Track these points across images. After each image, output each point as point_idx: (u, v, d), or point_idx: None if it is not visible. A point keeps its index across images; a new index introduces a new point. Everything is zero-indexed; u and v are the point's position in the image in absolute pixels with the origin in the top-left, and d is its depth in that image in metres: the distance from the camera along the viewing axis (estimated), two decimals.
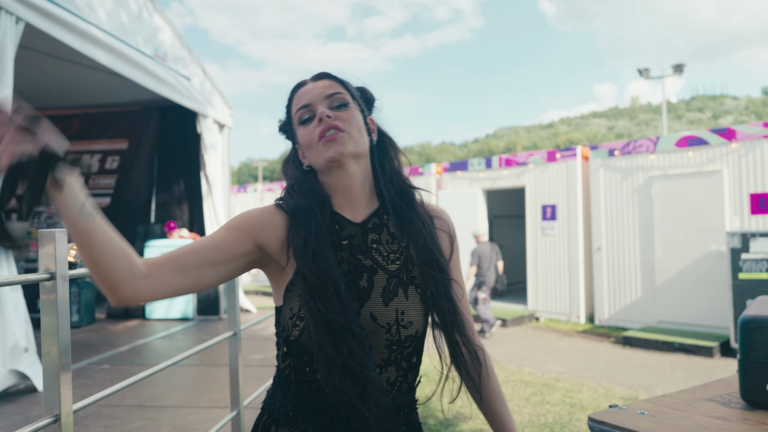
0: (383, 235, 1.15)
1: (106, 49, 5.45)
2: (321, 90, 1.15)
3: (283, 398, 1.11)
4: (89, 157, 9.76)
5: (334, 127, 1.10)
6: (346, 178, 1.13)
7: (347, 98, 1.15)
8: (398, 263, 1.13)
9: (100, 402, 3.84)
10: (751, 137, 7.43)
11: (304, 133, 1.14)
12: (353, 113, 1.14)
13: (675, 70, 24.80)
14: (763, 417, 1.53)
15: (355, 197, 1.15)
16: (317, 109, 1.12)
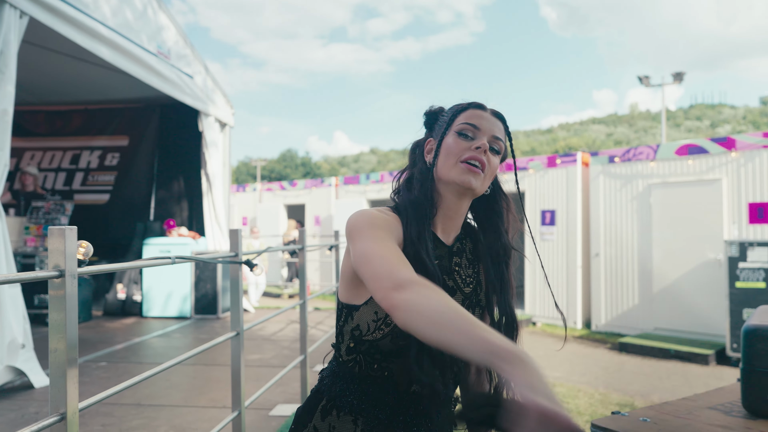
0: (463, 260, 1.28)
1: (110, 46, 5.44)
2: (493, 128, 1.23)
3: (345, 388, 1.18)
4: None
5: (481, 164, 1.18)
6: (456, 203, 1.23)
7: (503, 150, 1.26)
8: (471, 286, 1.27)
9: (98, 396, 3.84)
10: (751, 147, 7.46)
11: (455, 144, 1.20)
12: (497, 163, 1.24)
13: (675, 78, 24.88)
14: (765, 426, 1.53)
15: (452, 221, 1.26)
16: (481, 137, 1.20)
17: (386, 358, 1.15)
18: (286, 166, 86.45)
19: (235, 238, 2.24)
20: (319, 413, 1.20)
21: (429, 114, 1.32)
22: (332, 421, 1.17)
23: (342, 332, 1.21)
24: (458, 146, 1.20)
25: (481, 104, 1.26)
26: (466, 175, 1.17)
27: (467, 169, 1.17)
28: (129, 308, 8.01)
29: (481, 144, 1.18)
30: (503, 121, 1.27)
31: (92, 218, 9.35)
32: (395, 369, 1.15)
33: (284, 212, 15.24)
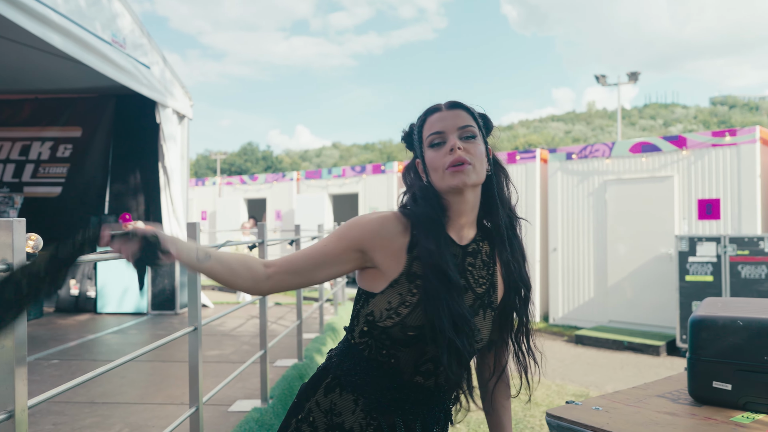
0: (477, 260, 1.30)
1: (61, 33, 5.25)
2: (454, 120, 1.25)
3: (351, 368, 1.26)
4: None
5: (462, 161, 1.21)
6: (462, 203, 1.26)
7: (476, 131, 1.27)
8: (484, 287, 1.29)
9: (48, 393, 3.72)
10: (700, 145, 7.74)
11: (434, 157, 1.24)
12: (479, 145, 1.26)
13: (630, 78, 25.58)
14: (709, 412, 1.60)
15: (463, 221, 1.29)
16: (449, 138, 1.23)
17: (394, 346, 1.22)
18: (246, 160, 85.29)
19: (193, 231, 2.20)
20: (322, 389, 1.28)
21: (405, 137, 1.37)
22: (334, 398, 1.25)
23: (358, 316, 1.29)
24: (437, 158, 1.24)
25: (435, 107, 1.30)
26: (457, 178, 1.21)
27: (454, 173, 1.21)
28: (83, 304, 7.77)
29: (450, 145, 1.22)
30: (462, 106, 1.29)
31: (44, 211, 9.03)
32: (401, 357, 1.23)
33: (244, 207, 15.04)
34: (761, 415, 1.56)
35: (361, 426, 1.23)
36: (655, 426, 1.50)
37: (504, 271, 1.33)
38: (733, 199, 7.42)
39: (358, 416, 1.24)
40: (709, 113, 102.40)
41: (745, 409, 1.62)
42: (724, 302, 1.89)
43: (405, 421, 1.25)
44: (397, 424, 1.24)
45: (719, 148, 7.56)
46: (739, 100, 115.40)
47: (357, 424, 1.23)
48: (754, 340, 1.59)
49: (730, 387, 1.61)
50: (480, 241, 1.33)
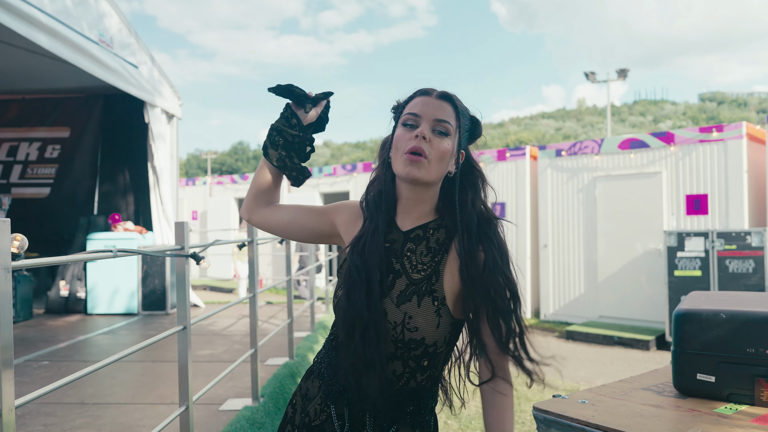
0: (420, 247, 1.26)
1: (48, 33, 5.21)
2: (435, 110, 1.23)
3: (322, 356, 1.32)
4: None
5: (421, 152, 1.19)
6: (411, 192, 1.26)
7: (451, 130, 1.23)
8: (423, 273, 1.23)
9: (39, 400, 3.70)
10: (688, 141, 7.80)
11: (400, 135, 1.23)
12: (446, 145, 1.22)
13: (619, 75, 25.72)
14: (694, 404, 1.62)
15: (411, 208, 1.28)
16: (422, 124, 1.21)
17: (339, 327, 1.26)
18: (237, 159, 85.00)
19: (181, 231, 2.20)
20: (305, 375, 1.37)
21: (395, 108, 1.35)
22: (308, 383, 1.32)
23: None
24: (402, 138, 1.22)
25: (427, 90, 1.27)
26: (408, 167, 1.19)
27: (408, 161, 1.19)
28: (72, 306, 7.72)
29: (418, 132, 1.19)
30: (451, 101, 1.26)
31: (32, 213, 8.96)
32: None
33: (236, 206, 15.00)
34: (744, 406, 1.59)
35: (316, 412, 1.26)
36: (640, 418, 1.52)
37: (465, 269, 1.22)
38: (720, 195, 7.49)
39: (317, 402, 1.27)
40: (698, 109, 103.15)
41: (728, 401, 1.64)
42: (708, 296, 1.91)
43: (353, 415, 1.22)
44: (345, 416, 1.22)
45: (707, 144, 7.63)
46: (727, 96, 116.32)
47: (313, 409, 1.27)
48: (737, 332, 1.61)
49: (713, 379, 1.64)
50: (433, 228, 1.28)
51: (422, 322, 1.19)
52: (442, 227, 1.28)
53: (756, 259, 6.52)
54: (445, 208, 1.30)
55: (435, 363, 1.26)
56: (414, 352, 1.21)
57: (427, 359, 1.23)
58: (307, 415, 1.27)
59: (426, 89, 1.28)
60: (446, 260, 1.25)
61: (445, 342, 1.25)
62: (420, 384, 1.26)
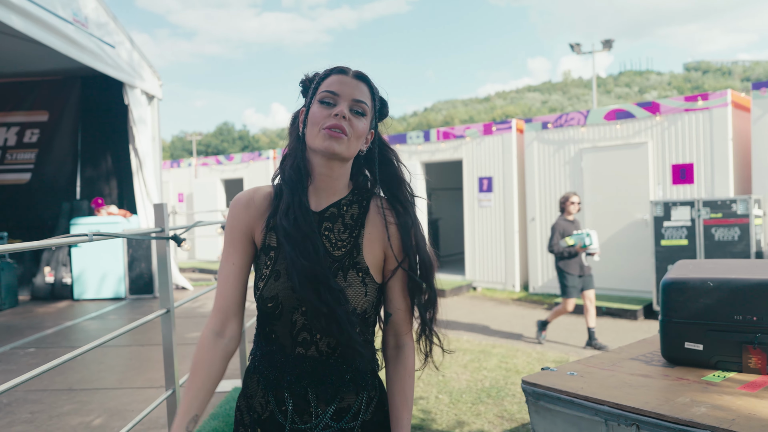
0: (336, 225, 1.28)
1: (21, 14, 5.06)
2: (353, 90, 1.25)
3: (254, 352, 1.31)
4: None
5: (341, 129, 1.21)
6: (326, 168, 1.26)
7: (367, 110, 1.27)
8: (344, 250, 1.26)
9: (26, 386, 3.65)
10: (673, 111, 7.80)
11: (317, 112, 1.24)
12: (363, 125, 1.26)
13: (604, 46, 25.61)
14: (681, 372, 1.62)
15: (325, 185, 1.28)
16: (341, 103, 1.23)
17: (268, 320, 1.25)
18: (223, 140, 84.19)
19: (161, 212, 2.14)
20: (245, 374, 1.34)
21: (303, 82, 1.34)
22: (248, 380, 1.31)
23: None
24: (320, 114, 1.23)
25: (343, 68, 1.29)
26: (328, 141, 1.21)
27: (329, 135, 1.21)
28: (59, 292, 7.66)
29: (338, 110, 1.22)
30: (367, 82, 1.29)
31: (13, 199, 8.82)
32: (278, 330, 1.24)
33: (222, 187, 14.86)
34: (732, 373, 1.59)
35: (261, 405, 1.26)
36: (629, 388, 1.51)
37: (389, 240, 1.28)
38: (706, 163, 7.51)
39: (259, 396, 1.26)
40: (683, 79, 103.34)
41: (716, 368, 1.64)
42: (695, 264, 1.90)
43: (294, 395, 1.23)
44: (286, 399, 1.23)
45: (692, 113, 7.62)
46: (711, 65, 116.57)
47: (259, 403, 1.26)
48: (725, 300, 1.60)
49: (701, 347, 1.63)
50: (347, 204, 1.31)
51: (352, 295, 1.22)
52: (354, 203, 1.31)
53: (741, 227, 6.57)
54: (357, 185, 1.34)
55: (366, 328, 1.29)
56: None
57: (359, 327, 1.24)
58: (255, 411, 1.27)
59: (342, 68, 1.29)
60: (363, 234, 1.28)
61: (372, 307, 1.29)
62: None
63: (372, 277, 1.27)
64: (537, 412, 1.61)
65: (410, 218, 1.30)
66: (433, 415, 3.86)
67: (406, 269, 1.28)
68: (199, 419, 1.20)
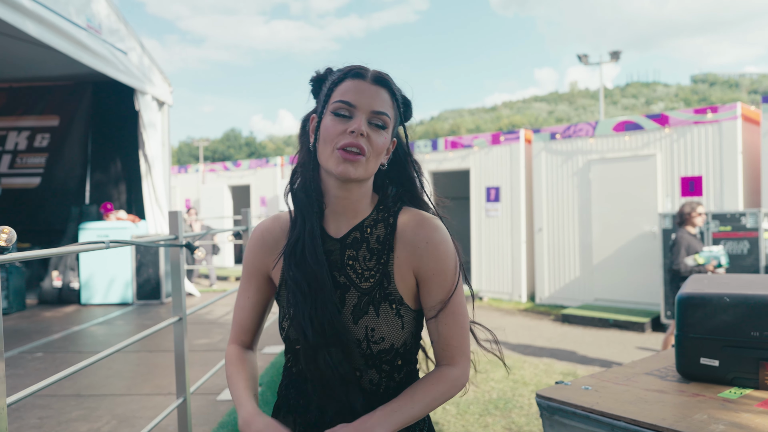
0: (361, 251, 1.13)
1: (35, 20, 5.10)
2: (372, 100, 1.09)
3: (286, 387, 1.20)
4: None
5: (359, 149, 1.06)
6: (342, 191, 1.12)
7: (389, 122, 1.11)
8: (372, 281, 1.11)
9: (34, 387, 3.66)
10: (682, 123, 7.78)
11: (331, 126, 1.07)
12: (384, 139, 1.10)
13: (612, 57, 25.61)
14: (697, 388, 1.61)
15: (342, 208, 1.14)
16: (358, 116, 1.07)
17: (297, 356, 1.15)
18: (229, 146, 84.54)
19: (175, 220, 2.15)
20: (274, 411, 1.23)
21: (314, 81, 1.18)
22: (281, 420, 1.18)
23: None
24: (334, 130, 1.07)
25: (360, 71, 1.11)
26: (343, 166, 1.06)
27: (343, 159, 1.06)
28: (66, 296, 7.68)
29: (355, 127, 1.05)
30: (388, 86, 1.12)
31: (22, 203, 8.88)
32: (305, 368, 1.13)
33: (229, 193, 14.91)
34: (749, 390, 1.57)
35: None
36: (644, 404, 1.50)
37: (412, 259, 1.12)
38: (715, 176, 7.49)
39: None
40: (690, 91, 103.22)
41: (732, 385, 1.62)
42: (710, 278, 1.89)
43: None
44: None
45: (701, 126, 7.61)
46: (719, 77, 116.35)
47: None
48: (741, 316, 1.59)
49: (717, 363, 1.62)
50: (371, 225, 1.15)
51: (387, 331, 1.10)
52: (379, 222, 1.15)
53: (751, 240, 6.54)
54: (382, 199, 1.19)
55: (409, 358, 1.19)
56: (385, 358, 1.12)
57: (400, 358, 1.15)
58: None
59: (359, 70, 1.11)
60: (393, 259, 1.12)
61: (412, 337, 1.17)
62: (399, 382, 1.16)
63: (407, 306, 1.13)
64: (551, 426, 1.60)
65: (440, 234, 1.13)
66: (441, 426, 3.84)
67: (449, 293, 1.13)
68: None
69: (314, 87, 1.17)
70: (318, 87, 1.17)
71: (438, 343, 1.15)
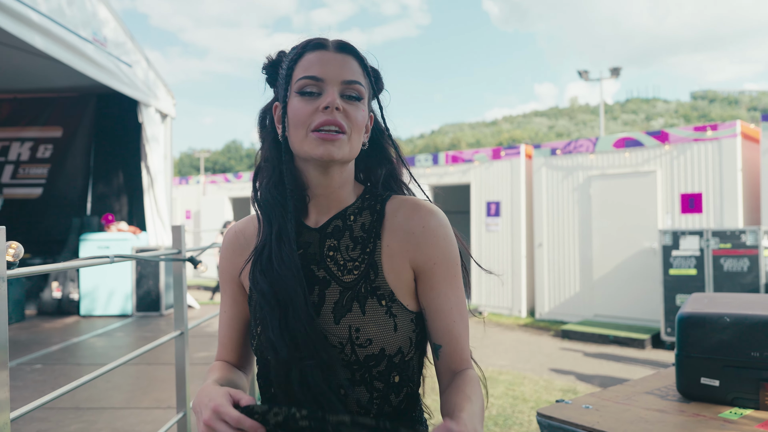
0: (344, 240, 0.99)
1: (42, 33, 5.16)
2: (340, 69, 0.96)
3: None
4: None
5: (338, 126, 0.93)
6: (325, 177, 0.99)
7: (363, 91, 0.98)
8: (356, 273, 0.97)
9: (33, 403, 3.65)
10: (683, 140, 7.82)
11: (300, 108, 0.95)
12: (362, 111, 0.98)
13: (612, 73, 25.78)
14: (698, 408, 1.61)
15: (324, 197, 1.01)
16: (328, 90, 0.94)
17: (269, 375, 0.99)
18: (230, 158, 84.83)
19: (178, 234, 2.17)
20: None
21: (267, 67, 1.05)
22: None
23: None
24: (304, 110, 0.94)
25: (320, 41, 0.99)
26: (323, 147, 0.93)
27: (322, 139, 0.93)
28: (66, 307, 7.67)
29: (329, 101, 0.93)
30: (354, 52, 1.00)
31: (24, 213, 8.90)
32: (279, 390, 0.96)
33: (229, 205, 14.94)
34: (749, 411, 1.58)
35: None
36: (645, 423, 1.51)
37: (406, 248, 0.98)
38: (715, 193, 7.51)
39: None
40: (690, 107, 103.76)
41: (733, 405, 1.63)
42: (710, 298, 1.90)
43: None
44: None
45: (701, 143, 7.65)
46: (718, 94, 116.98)
47: None
48: (741, 336, 1.60)
49: (717, 383, 1.63)
50: (355, 213, 1.02)
51: (375, 331, 0.93)
52: (364, 209, 1.02)
53: (751, 258, 6.54)
54: (367, 187, 1.07)
55: (409, 376, 0.99)
56: (376, 370, 0.94)
57: (397, 373, 0.96)
58: None
59: (319, 41, 0.98)
60: (381, 247, 0.98)
61: (412, 345, 0.97)
62: (397, 408, 0.98)
63: (401, 304, 0.96)
64: None
65: (438, 218, 1.00)
66: None
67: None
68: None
69: (269, 75, 1.05)
70: (273, 73, 1.04)
71: (449, 345, 0.98)
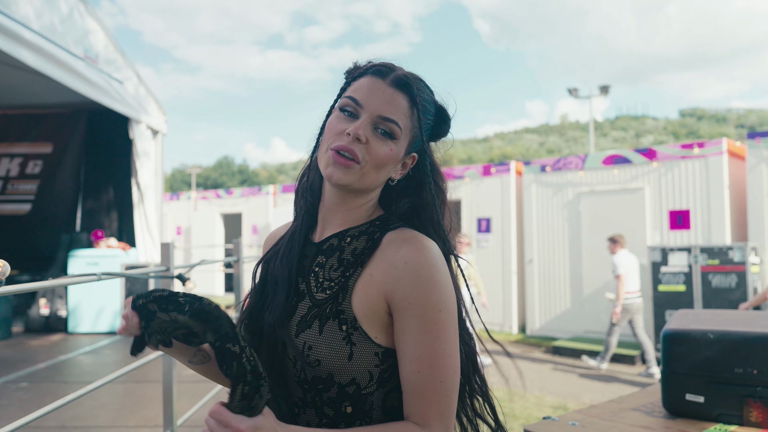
0: (331, 260, 0.99)
1: (34, 50, 5.17)
2: (383, 104, 0.95)
3: None
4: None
5: (352, 155, 0.93)
6: (336, 197, 1.01)
7: (398, 133, 0.96)
8: (328, 292, 0.96)
9: (17, 423, 3.59)
10: (670, 157, 7.92)
11: (333, 124, 0.97)
12: (389, 150, 0.96)
13: (601, 91, 26.08)
14: (683, 425, 1.62)
15: (334, 215, 1.02)
16: (362, 118, 0.95)
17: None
18: (222, 174, 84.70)
19: (167, 251, 2.17)
20: None
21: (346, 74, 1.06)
22: None
23: None
24: (334, 128, 0.96)
25: (383, 69, 0.98)
26: (331, 168, 0.94)
27: (334, 160, 0.94)
28: (53, 324, 7.58)
29: (351, 129, 0.93)
30: (408, 91, 0.97)
31: (12, 230, 8.83)
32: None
33: (220, 221, 14.89)
34: (734, 427, 1.59)
35: None
36: None
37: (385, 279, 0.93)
38: (703, 210, 7.59)
39: None
40: (679, 125, 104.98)
41: (717, 421, 1.64)
42: (695, 314, 1.92)
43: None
44: None
45: (688, 160, 7.74)
46: (706, 112, 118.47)
47: None
48: (725, 352, 1.62)
49: (702, 399, 1.64)
50: (353, 236, 1.00)
51: (326, 353, 0.90)
52: (364, 234, 1.00)
53: (738, 274, 6.60)
54: (380, 216, 1.04)
55: (365, 411, 0.92)
56: (327, 395, 0.91)
57: (350, 404, 0.91)
58: None
59: (381, 68, 0.98)
60: (360, 275, 0.94)
61: (372, 380, 0.92)
62: None
63: (363, 334, 0.91)
64: None
65: (426, 256, 0.92)
66: None
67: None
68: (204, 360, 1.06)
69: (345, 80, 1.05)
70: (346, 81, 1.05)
71: (407, 393, 0.91)
